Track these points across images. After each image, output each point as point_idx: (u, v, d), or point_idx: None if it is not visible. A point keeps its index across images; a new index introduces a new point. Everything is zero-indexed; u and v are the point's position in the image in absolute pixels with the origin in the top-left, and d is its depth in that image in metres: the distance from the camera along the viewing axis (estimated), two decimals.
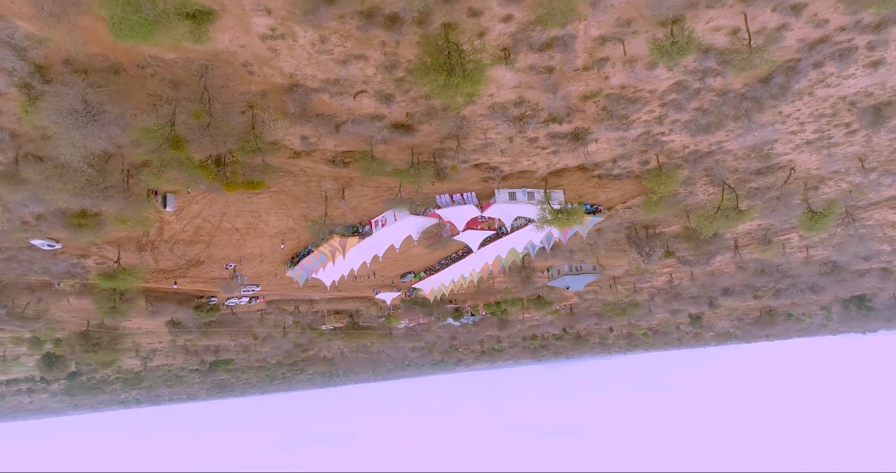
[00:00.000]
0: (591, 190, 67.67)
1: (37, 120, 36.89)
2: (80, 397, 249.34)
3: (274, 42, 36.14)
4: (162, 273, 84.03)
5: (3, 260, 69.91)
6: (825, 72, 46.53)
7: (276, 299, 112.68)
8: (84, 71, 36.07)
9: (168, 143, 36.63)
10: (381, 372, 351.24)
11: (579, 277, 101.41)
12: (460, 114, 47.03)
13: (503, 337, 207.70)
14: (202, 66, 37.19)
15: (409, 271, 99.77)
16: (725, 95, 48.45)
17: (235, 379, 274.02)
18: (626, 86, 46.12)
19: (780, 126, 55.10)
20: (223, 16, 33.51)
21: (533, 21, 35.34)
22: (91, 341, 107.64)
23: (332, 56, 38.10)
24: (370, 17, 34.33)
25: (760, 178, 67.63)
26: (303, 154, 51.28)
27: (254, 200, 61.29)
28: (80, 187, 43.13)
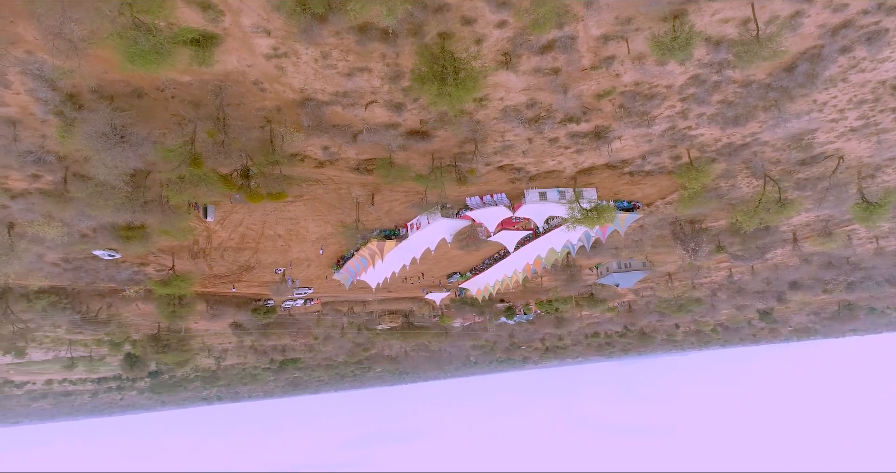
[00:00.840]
0: (626, 187, 66.55)
1: (73, 143, 39.95)
2: (165, 394, 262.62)
3: (278, 60, 37.81)
4: (217, 278, 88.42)
5: (72, 270, 75.45)
6: (856, 56, 44.16)
7: (330, 301, 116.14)
8: (110, 97, 38.88)
9: (187, 161, 38.92)
10: (450, 370, 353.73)
11: (628, 274, 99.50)
12: (474, 119, 47.47)
13: (564, 335, 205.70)
14: (216, 87, 39.32)
15: (455, 271, 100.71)
16: (749, 86, 46.77)
17: (307, 377, 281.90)
18: (640, 83, 45.30)
19: (816, 114, 52.59)
20: (227, 39, 35.39)
21: (525, 26, 35.33)
22: (161, 343, 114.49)
23: (337, 70, 39.43)
24: (365, 32, 35.38)
25: (807, 169, 64.57)
26: (327, 163, 53.04)
27: (290, 208, 63.76)
28: (119, 203, 46.36)
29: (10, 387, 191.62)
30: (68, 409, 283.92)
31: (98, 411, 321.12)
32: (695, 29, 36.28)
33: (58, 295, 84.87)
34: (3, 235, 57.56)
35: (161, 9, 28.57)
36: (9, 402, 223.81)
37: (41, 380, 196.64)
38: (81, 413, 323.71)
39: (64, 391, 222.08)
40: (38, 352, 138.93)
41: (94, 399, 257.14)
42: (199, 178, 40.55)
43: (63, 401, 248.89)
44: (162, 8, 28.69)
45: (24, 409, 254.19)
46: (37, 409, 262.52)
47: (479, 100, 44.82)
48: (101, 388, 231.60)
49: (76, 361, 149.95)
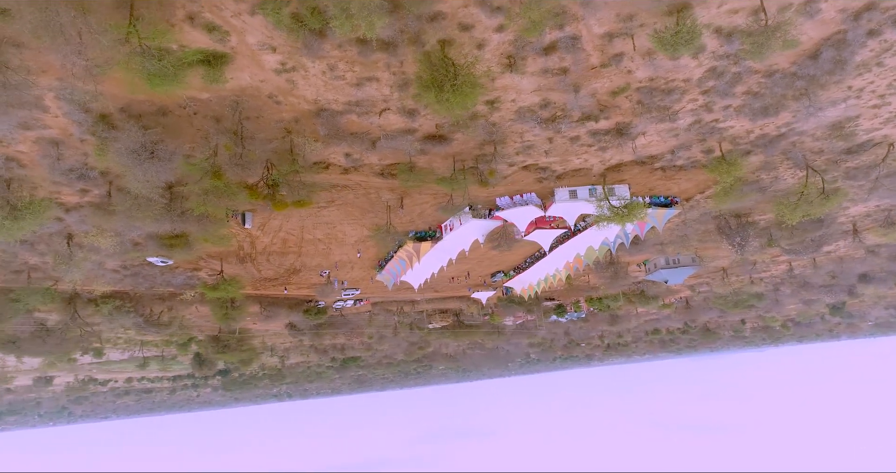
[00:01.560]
0: (660, 182, 65.15)
1: (108, 160, 42.85)
2: (237, 391, 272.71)
3: (288, 75, 39.36)
4: (267, 281, 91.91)
5: (131, 276, 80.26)
6: (887, 39, 41.90)
7: (380, 301, 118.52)
8: (138, 115, 41.49)
9: (209, 174, 41.09)
10: (514, 368, 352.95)
11: (677, 270, 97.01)
12: (489, 121, 47.81)
13: (623, 332, 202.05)
14: (234, 102, 41.29)
15: (498, 270, 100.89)
16: (772, 76, 45.12)
17: (372, 375, 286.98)
18: (654, 79, 44.47)
19: (854, 101, 50.10)
20: (237, 57, 37.17)
21: (521, 30, 35.44)
22: (221, 343, 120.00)
23: (346, 81, 40.66)
24: (365, 44, 36.39)
25: (855, 158, 61.49)
26: (351, 170, 54.55)
27: (324, 213, 65.76)
28: (157, 214, 49.24)
29: (94, 385, 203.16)
30: (150, 405, 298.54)
31: (178, 407, 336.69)
32: (697, 23, 35.47)
33: (122, 300, 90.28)
34: (62, 246, 62.12)
35: (163, 35, 30.43)
36: (96, 398, 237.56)
37: (122, 378, 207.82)
38: (162, 409, 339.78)
39: (144, 388, 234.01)
40: (115, 352, 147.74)
41: (173, 395, 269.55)
42: (222, 190, 42.68)
43: (145, 398, 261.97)
44: (164, 34, 30.56)
45: (111, 405, 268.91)
46: (122, 405, 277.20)
47: (490, 102, 45.18)
48: (177, 386, 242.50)
49: (148, 361, 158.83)
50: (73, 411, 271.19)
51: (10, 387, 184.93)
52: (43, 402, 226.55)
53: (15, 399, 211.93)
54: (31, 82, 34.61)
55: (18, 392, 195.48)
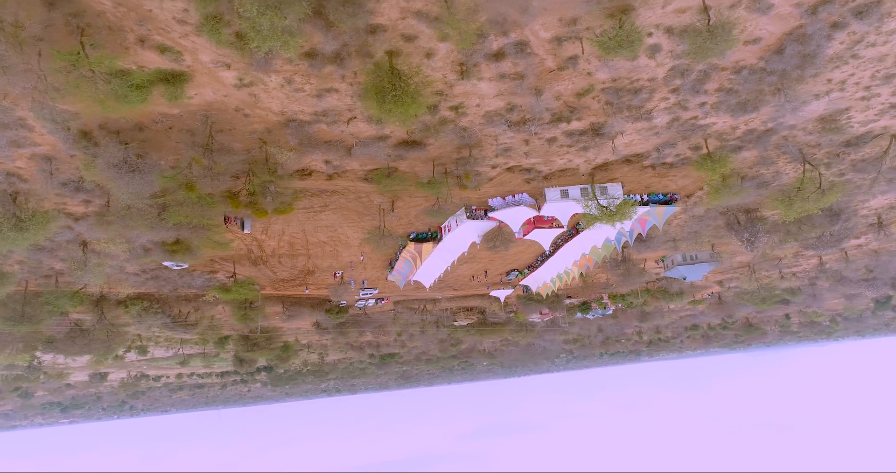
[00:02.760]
0: (654, 180, 64.35)
1: (95, 175, 45.57)
2: (286, 387, 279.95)
3: (248, 89, 41.04)
4: (285, 282, 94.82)
5: (152, 279, 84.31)
6: (855, 32, 40.52)
7: (401, 299, 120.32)
8: (116, 132, 44.00)
9: (182, 186, 43.30)
10: (560, 363, 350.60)
11: (694, 266, 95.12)
12: (459, 126, 48.43)
13: (661, 328, 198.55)
14: (203, 116, 43.30)
15: (513, 269, 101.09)
16: (740, 73, 44.19)
17: (416, 370, 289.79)
18: (617, 79, 44.21)
19: (838, 94, 48.50)
20: (195, 75, 39.05)
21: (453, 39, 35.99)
22: (251, 341, 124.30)
23: (306, 93, 42.07)
24: (314, 57, 37.68)
25: (857, 150, 59.30)
26: (335, 175, 56.10)
27: (321, 217, 67.64)
28: (150, 223, 51.95)
29: (147, 380, 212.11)
30: (204, 400, 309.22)
31: (231, 401, 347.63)
32: (636, 25, 35.27)
33: (149, 301, 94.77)
34: (77, 252, 66.00)
35: (111, 59, 32.43)
36: (152, 393, 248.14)
37: (173, 374, 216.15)
38: (216, 404, 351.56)
39: (196, 383, 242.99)
40: (159, 350, 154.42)
41: (224, 390, 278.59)
42: (195, 201, 44.85)
43: (198, 393, 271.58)
44: (112, 58, 32.56)
45: (168, 399, 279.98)
46: (177, 400, 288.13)
47: (454, 108, 45.84)
48: (227, 381, 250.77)
49: (191, 358, 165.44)
50: (135, 405, 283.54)
51: (70, 383, 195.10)
52: (103, 397, 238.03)
53: (77, 394, 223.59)
54: (6, 106, 37.35)
55: (78, 387, 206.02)
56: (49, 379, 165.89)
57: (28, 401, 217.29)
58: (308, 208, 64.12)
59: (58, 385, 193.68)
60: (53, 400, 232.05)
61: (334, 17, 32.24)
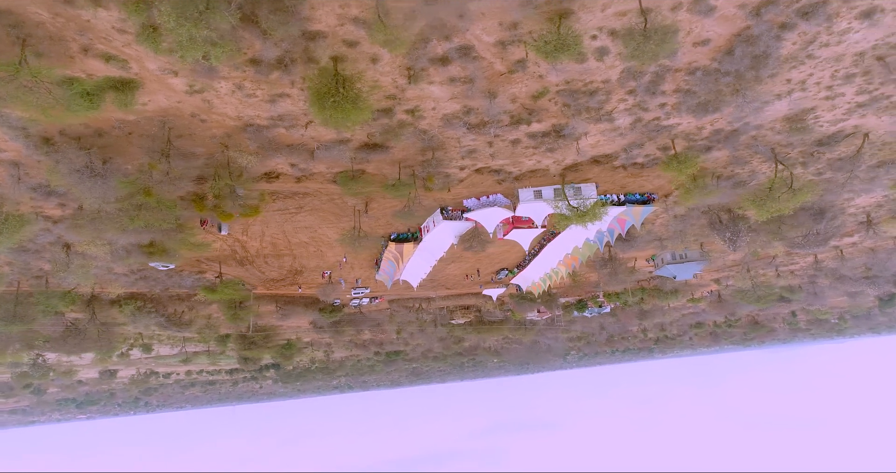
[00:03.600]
0: (629, 180, 64.12)
1: (58, 180, 46.50)
2: (296, 384, 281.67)
3: (200, 95, 41.62)
4: (275, 281, 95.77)
5: (142, 279, 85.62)
6: (805, 32, 40.11)
7: (395, 298, 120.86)
8: (77, 137, 44.85)
9: (139, 191, 44.08)
10: (573, 360, 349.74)
11: (684, 265, 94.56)
12: (419, 128, 48.67)
13: (665, 326, 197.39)
14: (161, 122, 43.99)
15: (503, 268, 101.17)
16: (695, 74, 43.92)
17: (428, 368, 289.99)
18: (571, 81, 44.17)
19: (800, 94, 48.00)
20: (145, 82, 39.69)
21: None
22: (248, 340, 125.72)
23: (259, 98, 42.58)
24: (258, 64, 38.14)
25: (831, 149, 58.62)
26: (303, 178, 56.62)
27: (298, 219, 68.24)
28: (122, 225, 52.84)
29: (156, 377, 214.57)
30: (217, 396, 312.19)
31: (245, 398, 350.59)
32: (573, 29, 35.23)
33: (143, 301, 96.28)
34: (60, 254, 67.27)
35: (51, 70, 33.18)
36: (165, 390, 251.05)
37: (182, 371, 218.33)
38: (230, 400, 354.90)
39: (207, 380, 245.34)
40: (164, 348, 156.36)
41: (236, 387, 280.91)
42: (155, 205, 45.63)
43: (210, 390, 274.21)
44: (52, 69, 33.30)
45: (181, 396, 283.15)
46: (190, 396, 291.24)
47: (410, 111, 46.08)
48: (238, 378, 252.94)
49: (197, 355, 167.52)
50: (149, 401, 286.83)
51: (82, 380, 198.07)
52: (116, 393, 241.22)
53: (90, 390, 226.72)
54: None
55: (90, 384, 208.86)
56: (58, 376, 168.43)
57: (42, 397, 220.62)
58: (283, 210, 64.76)
59: (69, 382, 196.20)
60: (68, 397, 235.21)
61: (266, 26, 32.64)
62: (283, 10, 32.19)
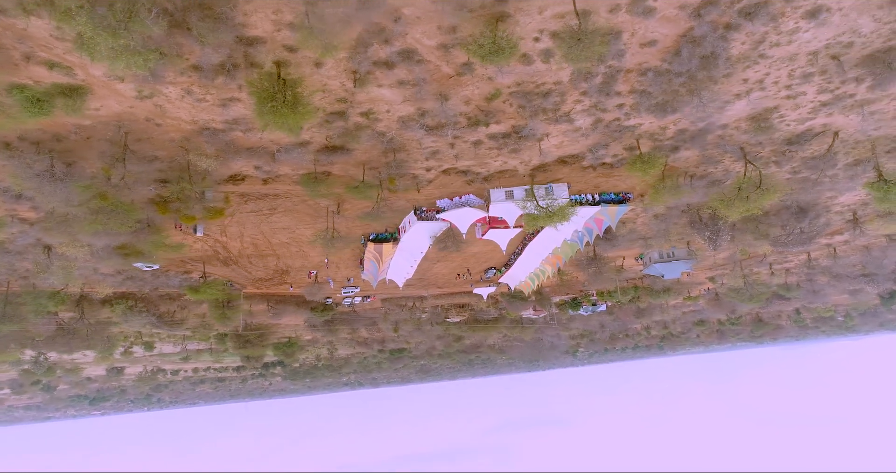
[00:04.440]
0: (602, 179, 63.82)
1: (20, 184, 47.28)
2: (305, 381, 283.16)
3: (151, 100, 42.08)
4: (263, 281, 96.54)
5: (129, 279, 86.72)
6: (753, 32, 39.69)
7: (389, 297, 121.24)
8: (36, 142, 45.57)
9: (95, 196, 44.74)
10: (583, 357, 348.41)
11: (671, 264, 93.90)
12: (376, 131, 48.83)
13: (668, 323, 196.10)
14: (116, 126, 44.56)
15: (491, 266, 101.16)
16: (646, 75, 43.62)
17: (436, 365, 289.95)
18: (521, 83, 44.05)
19: (759, 93, 47.48)
20: (94, 88, 40.22)
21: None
22: (243, 338, 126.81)
23: (210, 102, 42.95)
24: (200, 70, 38.48)
25: (802, 148, 57.93)
26: (270, 180, 57.04)
27: (274, 220, 68.72)
28: (87, 228, 53.58)
29: (164, 374, 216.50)
30: (228, 393, 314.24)
31: (256, 395, 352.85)
32: (506, 32, 35.15)
33: (134, 300, 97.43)
34: (41, 255, 68.32)
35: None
36: (175, 387, 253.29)
37: (189, 368, 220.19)
38: (241, 396, 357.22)
39: (216, 377, 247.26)
40: (167, 346, 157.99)
41: (245, 384, 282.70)
42: (112, 209, 46.30)
43: (220, 386, 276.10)
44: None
45: (192, 392, 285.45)
46: (201, 393, 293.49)
47: (365, 114, 46.25)
48: (247, 375, 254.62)
49: (192, 354, 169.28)
50: (162, 397, 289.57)
51: (90, 377, 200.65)
52: (127, 390, 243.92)
53: (101, 387, 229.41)
54: None
55: (99, 381, 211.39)
56: (65, 373, 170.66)
57: (54, 394, 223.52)
58: (256, 211, 65.26)
59: (78, 379, 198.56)
60: (80, 393, 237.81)
61: (197, 33, 32.95)
62: (213, 18, 32.47)
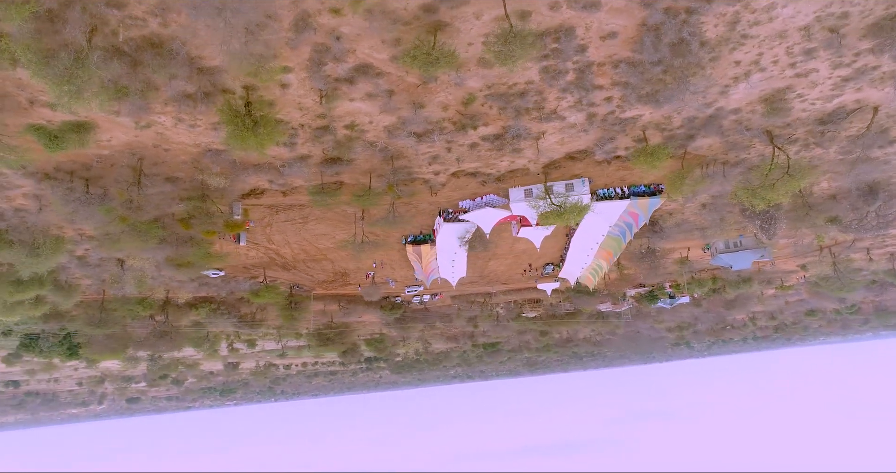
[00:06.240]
0: (623, 172, 61.50)
1: (60, 209, 53.29)
2: (413, 373, 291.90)
3: (150, 129, 45.99)
4: (326, 283, 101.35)
5: (203, 285, 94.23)
6: (723, 13, 36.97)
7: (458, 294, 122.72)
8: (70, 172, 51.23)
9: (116, 218, 49.73)
10: (701, 349, 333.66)
11: (739, 254, 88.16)
12: (366, 141, 50.21)
13: (775, 314, 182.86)
14: (130, 154, 49.16)
15: (548, 262, 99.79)
16: (619, 67, 41.73)
17: (544, 357, 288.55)
18: (492, 85, 43.61)
19: (759, 75, 43.91)
20: (99, 122, 44.64)
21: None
22: (323, 336, 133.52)
23: (202, 127, 46.22)
24: (176, 100, 41.62)
25: (842, 127, 52.71)
26: (288, 192, 60.13)
27: (310, 227, 72.18)
28: (139, 242, 59.38)
29: (275, 369, 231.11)
30: (340, 386, 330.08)
31: (370, 387, 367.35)
32: (443, 43, 35.16)
33: (216, 303, 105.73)
34: (115, 268, 76.18)
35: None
36: (293, 380, 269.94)
37: (298, 363, 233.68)
38: (355, 389, 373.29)
39: (328, 371, 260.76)
40: (269, 343, 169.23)
41: (356, 377, 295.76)
42: (135, 228, 51.15)
43: (334, 380, 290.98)
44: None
45: (308, 385, 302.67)
46: (318, 385, 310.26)
47: (349, 126, 47.76)
48: (357, 369, 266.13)
49: (290, 351, 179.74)
50: (285, 390, 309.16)
51: (212, 371, 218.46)
52: (249, 382, 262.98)
53: (225, 380, 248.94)
54: None
55: (221, 374, 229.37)
56: (186, 368, 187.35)
57: (185, 386, 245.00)
58: (290, 220, 68.95)
59: (201, 373, 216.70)
60: (208, 386, 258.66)
61: (151, 70, 35.88)
62: (163, 55, 35.22)
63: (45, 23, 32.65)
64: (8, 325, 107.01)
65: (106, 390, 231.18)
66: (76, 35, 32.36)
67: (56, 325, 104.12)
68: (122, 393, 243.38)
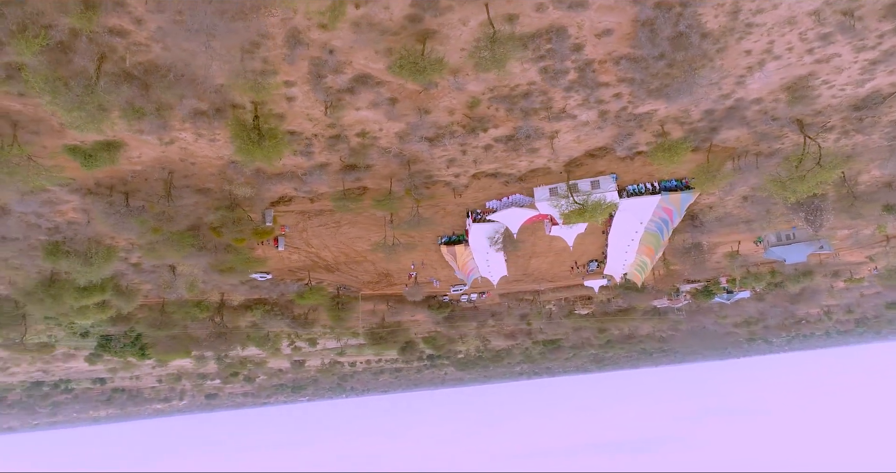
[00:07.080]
0: (650, 167, 59.88)
1: (101, 222, 56.94)
2: (477, 370, 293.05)
3: (173, 145, 48.49)
4: (371, 284, 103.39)
5: (253, 288, 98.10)
6: (720, 3, 35.63)
7: (505, 292, 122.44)
8: (109, 187, 54.69)
9: (150, 230, 52.74)
10: (779, 344, 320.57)
11: (792, 247, 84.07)
12: (380, 147, 51.13)
13: (852, 307, 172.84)
14: (161, 169, 52.00)
15: (592, 259, 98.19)
16: (619, 63, 40.84)
17: (612, 354, 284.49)
18: (494, 88, 43.57)
19: (774, 63, 41.98)
20: (127, 141, 47.47)
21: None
22: (376, 335, 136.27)
23: (222, 141, 48.32)
24: (192, 117, 43.75)
25: (881, 112, 49.70)
26: (315, 199, 61.90)
27: (343, 231, 73.93)
28: (174, 252, 62.74)
29: (340, 366, 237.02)
30: (406, 383, 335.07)
31: (435, 384, 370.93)
32: (431, 51, 35.50)
33: (270, 305, 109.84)
34: (167, 273, 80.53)
35: (20, 148, 41.94)
36: (360, 377, 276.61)
37: (361, 360, 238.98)
38: (422, 386, 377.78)
39: (393, 368, 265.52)
40: (331, 341, 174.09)
41: (421, 374, 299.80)
42: (167, 238, 54.05)
43: (399, 376, 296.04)
44: (23, 147, 42.10)
45: (376, 381, 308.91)
46: (385, 382, 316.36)
47: (361, 134, 48.79)
48: (421, 366, 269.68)
49: (350, 349, 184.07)
50: (354, 386, 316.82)
51: (281, 369, 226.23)
52: (319, 379, 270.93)
53: (295, 377, 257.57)
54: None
55: (290, 372, 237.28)
56: (255, 366, 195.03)
57: (257, 383, 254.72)
58: (324, 225, 70.87)
59: (270, 371, 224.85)
60: (280, 383, 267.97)
61: (160, 92, 37.95)
62: (166, 77, 37.23)
63: (58, 53, 35.22)
64: (84, 327, 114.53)
65: (185, 387, 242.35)
66: (86, 63, 34.73)
67: (124, 327, 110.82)
68: (199, 390, 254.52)
